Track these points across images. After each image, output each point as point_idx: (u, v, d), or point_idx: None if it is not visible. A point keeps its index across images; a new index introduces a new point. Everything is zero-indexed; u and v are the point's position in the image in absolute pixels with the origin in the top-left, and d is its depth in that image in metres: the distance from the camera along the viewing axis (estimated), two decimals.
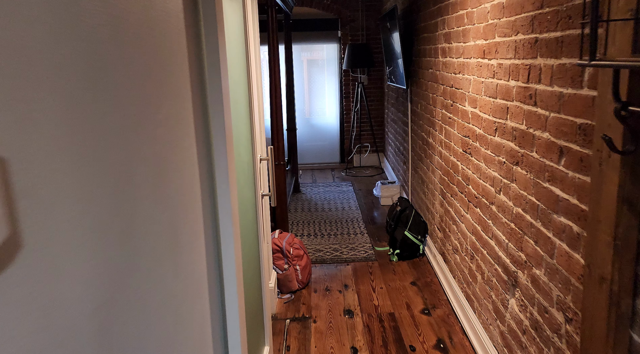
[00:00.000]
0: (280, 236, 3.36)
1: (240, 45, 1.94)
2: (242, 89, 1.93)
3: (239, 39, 1.91)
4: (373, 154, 6.86)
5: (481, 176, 2.44)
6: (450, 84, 3.02)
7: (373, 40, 6.54)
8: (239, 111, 1.84)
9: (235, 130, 1.75)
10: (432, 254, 3.62)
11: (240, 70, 1.90)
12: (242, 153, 1.89)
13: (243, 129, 1.93)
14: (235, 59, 1.80)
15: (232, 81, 1.72)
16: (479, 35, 2.44)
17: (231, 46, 1.73)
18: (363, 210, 5.05)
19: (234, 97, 1.74)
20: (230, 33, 1.75)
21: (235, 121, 1.77)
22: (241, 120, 1.88)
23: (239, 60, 1.89)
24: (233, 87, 1.73)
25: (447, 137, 3.13)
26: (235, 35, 1.84)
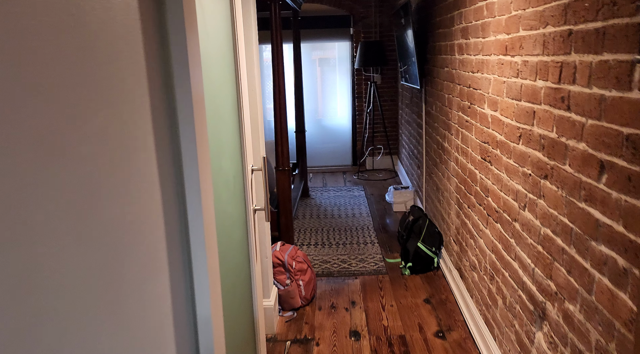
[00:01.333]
0: (282, 249, 3.12)
1: (226, 44, 1.70)
2: (227, 93, 1.69)
3: (224, 36, 1.67)
4: (386, 156, 6.58)
5: (502, 188, 2.16)
6: (468, 84, 2.75)
7: (387, 38, 6.26)
8: (221, 118, 1.60)
9: (214, 139, 1.51)
10: (448, 268, 3.35)
11: (224, 72, 1.66)
12: (226, 165, 1.65)
13: (228, 138, 1.69)
14: (217, 58, 1.57)
15: (211, 84, 1.49)
16: (500, 29, 2.17)
17: (210, 44, 1.49)
18: (374, 217, 4.78)
19: (213, 102, 1.50)
20: (211, 29, 1.51)
21: (216, 129, 1.53)
22: (225, 127, 1.64)
23: (224, 60, 1.66)
24: (213, 92, 1.49)
25: (464, 142, 2.85)
26: (219, 31, 1.60)
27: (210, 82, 1.48)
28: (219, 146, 1.57)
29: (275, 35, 3.46)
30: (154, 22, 1.01)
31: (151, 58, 0.98)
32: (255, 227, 2.05)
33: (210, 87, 1.48)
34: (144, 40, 0.94)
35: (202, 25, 1.40)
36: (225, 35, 1.70)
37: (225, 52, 1.69)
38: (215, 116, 1.52)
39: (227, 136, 1.68)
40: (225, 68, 1.68)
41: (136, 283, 0.87)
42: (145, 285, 0.91)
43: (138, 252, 0.89)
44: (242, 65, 1.86)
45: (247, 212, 1.96)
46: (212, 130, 1.48)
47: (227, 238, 1.66)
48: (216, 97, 1.55)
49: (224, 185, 1.62)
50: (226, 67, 1.70)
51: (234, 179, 1.77)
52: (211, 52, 1.50)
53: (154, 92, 0.99)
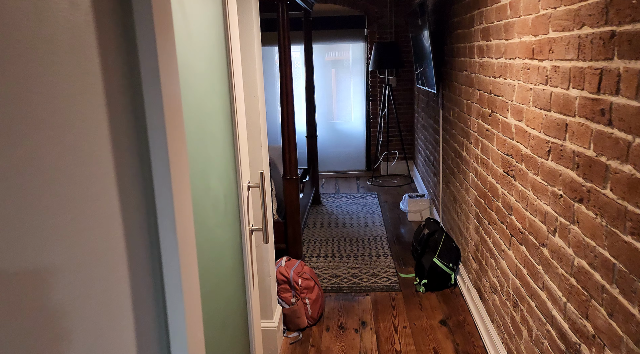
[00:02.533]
0: (287, 265, 2.93)
1: (217, 48, 1.51)
2: (217, 104, 1.51)
3: (213, 39, 1.48)
4: (401, 161, 6.35)
5: (528, 207, 1.94)
6: (489, 90, 2.52)
7: (402, 39, 6.03)
8: (209, 132, 1.42)
9: (199, 157, 1.33)
10: (466, 286, 3.12)
11: (214, 80, 1.48)
12: (215, 184, 1.47)
13: (218, 154, 1.51)
14: (204, 65, 1.38)
15: (195, 95, 1.30)
16: (526, 30, 1.94)
17: (195, 49, 1.31)
18: (388, 226, 4.57)
19: (198, 116, 1.32)
20: (196, 32, 1.33)
21: (201, 145, 1.34)
22: (213, 143, 1.46)
23: (213, 66, 1.47)
24: (197, 103, 1.31)
25: (484, 152, 2.63)
26: (206, 35, 1.41)
27: (193, 92, 1.30)
28: (206, 163, 1.38)
29: (283, 37, 3.28)
30: (115, 26, 0.82)
31: (110, 66, 0.79)
32: (252, 249, 1.86)
33: (193, 99, 1.29)
34: (99, 46, 0.76)
35: (183, 27, 1.22)
36: (216, 39, 1.51)
37: (216, 58, 1.51)
38: (200, 130, 1.34)
39: (217, 151, 1.50)
40: (215, 76, 1.50)
41: (87, 336, 0.69)
42: (101, 338, 0.73)
43: (90, 306, 0.71)
44: (236, 72, 1.67)
45: (243, 233, 1.77)
46: (195, 147, 1.30)
47: (216, 266, 1.47)
48: (202, 110, 1.36)
49: (212, 207, 1.44)
50: (216, 75, 1.51)
51: (225, 199, 1.58)
52: (195, 59, 1.32)
53: (115, 107, 0.81)
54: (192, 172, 1.26)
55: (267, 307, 2.59)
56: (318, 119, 6.32)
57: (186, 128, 1.21)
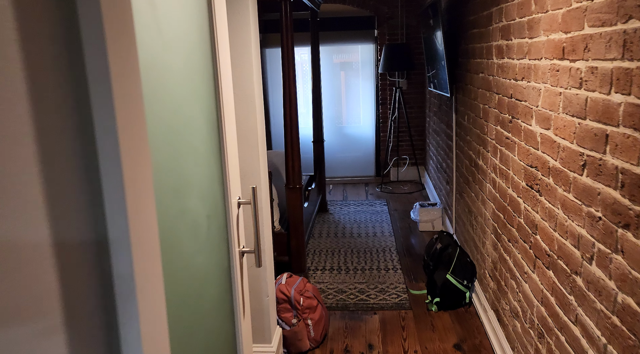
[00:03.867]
0: (288, 282, 2.72)
1: (199, 50, 1.31)
2: (197, 109, 1.30)
3: (193, 37, 1.28)
4: (412, 167, 6.11)
5: (557, 228, 1.71)
6: (509, 94, 2.29)
7: (414, 40, 5.80)
8: (185, 143, 1.21)
9: (172, 176, 1.12)
10: (482, 306, 2.88)
11: (193, 82, 1.27)
12: (195, 205, 1.26)
13: (199, 170, 1.30)
14: (179, 64, 1.18)
15: (166, 98, 1.10)
16: (555, 26, 1.71)
17: (168, 51, 1.10)
18: (397, 237, 4.34)
19: (168, 123, 1.11)
20: (171, 33, 1.13)
21: (172, 158, 1.14)
22: (193, 158, 1.25)
23: (192, 67, 1.27)
24: (166, 108, 1.10)
25: (504, 162, 2.40)
26: (184, 35, 1.21)
27: (165, 97, 1.09)
28: (181, 181, 1.18)
29: (286, 38, 3.07)
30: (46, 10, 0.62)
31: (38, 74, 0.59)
32: (243, 274, 1.65)
33: (165, 104, 1.09)
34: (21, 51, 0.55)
35: (150, 21, 1.02)
36: (198, 38, 1.31)
37: (198, 59, 1.30)
38: (173, 142, 1.14)
39: (197, 166, 1.29)
40: (196, 79, 1.29)
41: None
42: None
43: None
44: (224, 75, 1.47)
45: (232, 257, 1.56)
46: (166, 163, 1.09)
47: (196, 299, 1.27)
48: (177, 118, 1.16)
49: (191, 231, 1.23)
50: (198, 78, 1.31)
51: (209, 220, 1.38)
52: (168, 58, 1.11)
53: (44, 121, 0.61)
54: (161, 193, 1.05)
55: (264, 330, 2.38)
56: (326, 123, 6.11)
57: (153, 140, 1.01)
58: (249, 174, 2.22)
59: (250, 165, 2.21)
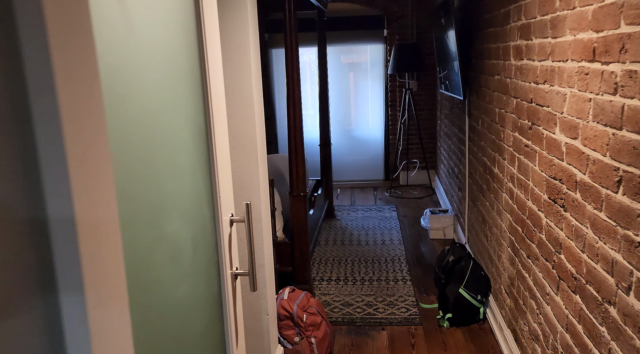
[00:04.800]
0: (290, 297, 2.57)
1: (182, 50, 1.16)
2: (181, 120, 1.15)
3: (176, 40, 1.13)
4: (422, 170, 5.93)
5: (586, 250, 1.53)
6: (529, 98, 2.12)
7: (424, 40, 5.62)
8: (165, 158, 1.06)
9: (147, 196, 0.97)
10: (498, 323, 2.70)
11: (175, 89, 1.12)
12: (176, 228, 1.11)
13: (182, 186, 1.15)
14: (157, 70, 1.03)
15: (140, 108, 0.95)
16: (584, 24, 1.54)
17: (141, 49, 0.95)
18: (407, 245, 4.16)
19: (142, 137, 0.96)
20: (143, 29, 0.98)
21: (151, 180, 0.99)
22: (172, 172, 1.10)
23: (174, 72, 1.12)
24: (140, 119, 0.95)
25: (523, 172, 2.22)
26: (162, 33, 1.06)
27: (139, 110, 0.94)
28: (159, 205, 1.03)
29: (290, 38, 2.92)
30: None
31: None
32: (237, 298, 1.50)
33: (138, 119, 0.94)
34: None
35: (119, 20, 0.87)
36: (182, 40, 1.16)
37: (182, 63, 1.15)
38: (149, 160, 0.98)
39: (180, 185, 1.14)
40: (179, 85, 1.14)
41: None
42: None
43: None
44: (214, 80, 1.32)
45: (223, 281, 1.41)
46: (140, 185, 0.94)
47: (178, 333, 1.12)
48: (155, 130, 1.01)
49: (171, 259, 1.08)
50: (182, 84, 1.16)
51: (195, 242, 1.23)
52: (143, 63, 0.96)
53: None
54: (131, 220, 0.90)
55: (264, 350, 2.23)
56: (333, 126, 5.95)
57: (121, 155, 0.86)
58: (247, 184, 2.07)
59: (249, 175, 2.06)
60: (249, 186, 2.08)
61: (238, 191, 2.09)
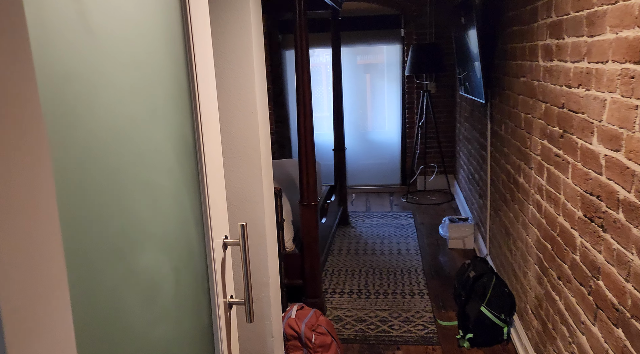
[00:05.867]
0: (299, 315, 2.40)
1: (160, 55, 1.00)
2: (161, 133, 0.99)
3: (155, 41, 0.98)
4: (440, 175, 5.71)
5: (631, 278, 1.33)
6: (560, 103, 1.92)
7: (443, 40, 5.40)
8: (139, 179, 0.91)
9: (103, 225, 0.81)
10: (523, 346, 2.50)
11: (154, 98, 0.97)
12: (150, 261, 0.96)
13: (162, 210, 1.00)
14: (128, 76, 0.88)
15: (98, 128, 0.79)
16: (628, 20, 1.34)
17: (106, 52, 0.80)
18: (425, 255, 3.97)
19: (107, 154, 0.81)
20: (108, 28, 0.82)
21: (115, 203, 0.83)
22: (148, 195, 0.94)
23: (152, 79, 0.96)
24: (99, 141, 0.80)
25: (553, 184, 2.02)
26: (136, 33, 0.91)
27: (100, 124, 0.79)
28: (129, 234, 0.87)
29: (300, 38, 2.76)
30: None
31: None
32: (231, 331, 1.34)
33: (100, 135, 0.78)
34: None
35: (72, 24, 0.71)
36: (162, 43, 1.00)
37: (160, 69, 1.00)
38: (118, 183, 0.83)
39: (159, 208, 0.98)
40: (159, 93, 0.99)
41: None
42: None
43: None
44: (203, 87, 1.16)
45: (215, 312, 1.25)
46: (103, 212, 0.79)
47: None
48: (124, 149, 0.85)
49: (145, 296, 0.93)
50: (163, 92, 1.00)
51: (178, 273, 1.07)
52: (109, 68, 0.81)
53: None
54: (88, 255, 0.75)
55: None
56: (349, 129, 5.78)
57: (77, 178, 0.71)
58: (249, 197, 1.91)
59: (251, 187, 1.91)
60: (252, 199, 1.92)
61: (240, 204, 1.94)
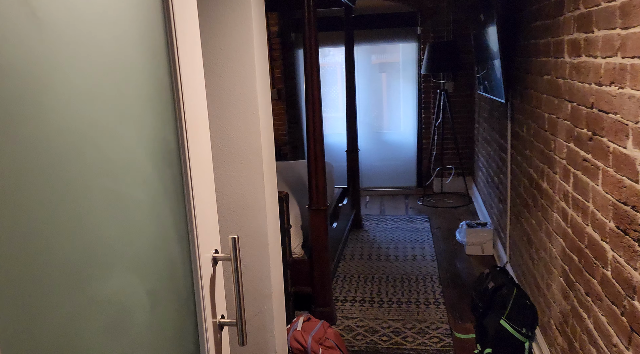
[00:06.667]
0: (305, 327, 2.27)
1: (132, 48, 0.89)
2: (131, 138, 0.88)
3: (127, 35, 0.86)
4: (458, 177, 5.52)
5: None
6: (589, 103, 1.75)
7: (461, 37, 5.22)
8: (105, 188, 0.79)
9: (56, 246, 0.70)
10: None
11: (124, 98, 0.85)
12: (119, 284, 0.84)
13: (135, 225, 0.88)
14: (97, 77, 0.76)
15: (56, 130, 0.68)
16: None
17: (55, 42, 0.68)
18: (440, 261, 3.80)
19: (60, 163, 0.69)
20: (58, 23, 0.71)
21: (74, 220, 0.71)
22: (118, 207, 0.83)
23: (125, 79, 0.84)
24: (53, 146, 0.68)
25: (580, 191, 1.85)
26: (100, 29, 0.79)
27: (52, 126, 0.67)
28: (91, 252, 0.75)
29: (309, 37, 2.63)
30: None
31: None
32: (222, 353, 1.21)
33: (49, 139, 0.67)
34: None
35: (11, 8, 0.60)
36: (134, 28, 0.89)
37: (133, 60, 0.88)
38: (71, 194, 0.71)
39: (130, 220, 0.87)
40: (133, 93, 0.87)
41: None
42: None
43: None
44: (189, 87, 1.04)
45: (202, 334, 1.13)
46: (52, 231, 0.67)
47: None
48: (85, 155, 0.74)
49: (109, 328, 0.81)
50: (137, 91, 0.89)
51: (154, 296, 0.95)
52: (57, 61, 0.69)
53: None
54: (35, 284, 0.63)
55: None
56: (363, 129, 5.64)
57: (20, 193, 0.59)
58: (250, 204, 1.79)
59: (253, 193, 1.78)
60: (254, 206, 1.80)
61: (241, 212, 1.82)
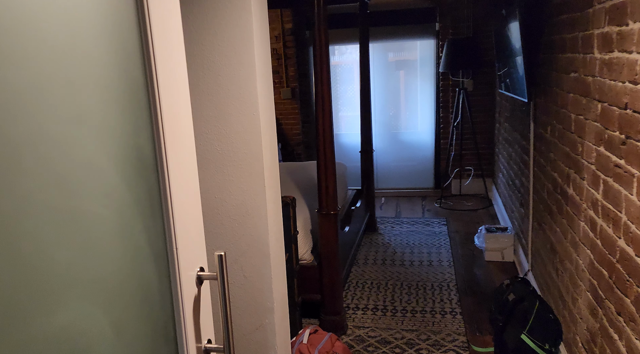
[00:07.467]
0: (311, 340, 2.15)
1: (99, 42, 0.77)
2: (94, 146, 0.76)
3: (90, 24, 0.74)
4: (477, 179, 5.33)
5: None
6: (622, 103, 1.59)
7: (482, 34, 5.03)
8: (53, 205, 0.68)
9: None
10: None
11: (87, 98, 0.73)
12: (72, 317, 0.73)
13: (92, 241, 0.76)
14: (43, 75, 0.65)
15: None
16: None
17: None
18: (458, 268, 3.64)
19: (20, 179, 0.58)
20: None
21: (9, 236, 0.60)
22: (70, 224, 0.71)
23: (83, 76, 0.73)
24: None
25: (611, 199, 1.69)
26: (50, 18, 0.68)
27: None
28: (45, 279, 0.64)
29: (319, 34, 2.51)
30: None
31: None
32: None
33: None
34: None
35: None
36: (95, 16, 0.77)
37: (93, 55, 0.77)
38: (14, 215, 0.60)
39: (88, 240, 0.75)
40: (90, 90, 0.76)
41: None
42: None
43: None
44: (166, 70, 0.92)
45: None
46: None
47: None
48: (34, 167, 0.62)
49: None
50: (96, 88, 0.77)
51: (116, 328, 0.83)
52: None
53: None
54: None
55: None
56: (380, 129, 5.49)
57: None
58: (251, 211, 1.68)
59: (253, 200, 1.67)
60: (254, 213, 1.69)
61: (241, 220, 1.70)
